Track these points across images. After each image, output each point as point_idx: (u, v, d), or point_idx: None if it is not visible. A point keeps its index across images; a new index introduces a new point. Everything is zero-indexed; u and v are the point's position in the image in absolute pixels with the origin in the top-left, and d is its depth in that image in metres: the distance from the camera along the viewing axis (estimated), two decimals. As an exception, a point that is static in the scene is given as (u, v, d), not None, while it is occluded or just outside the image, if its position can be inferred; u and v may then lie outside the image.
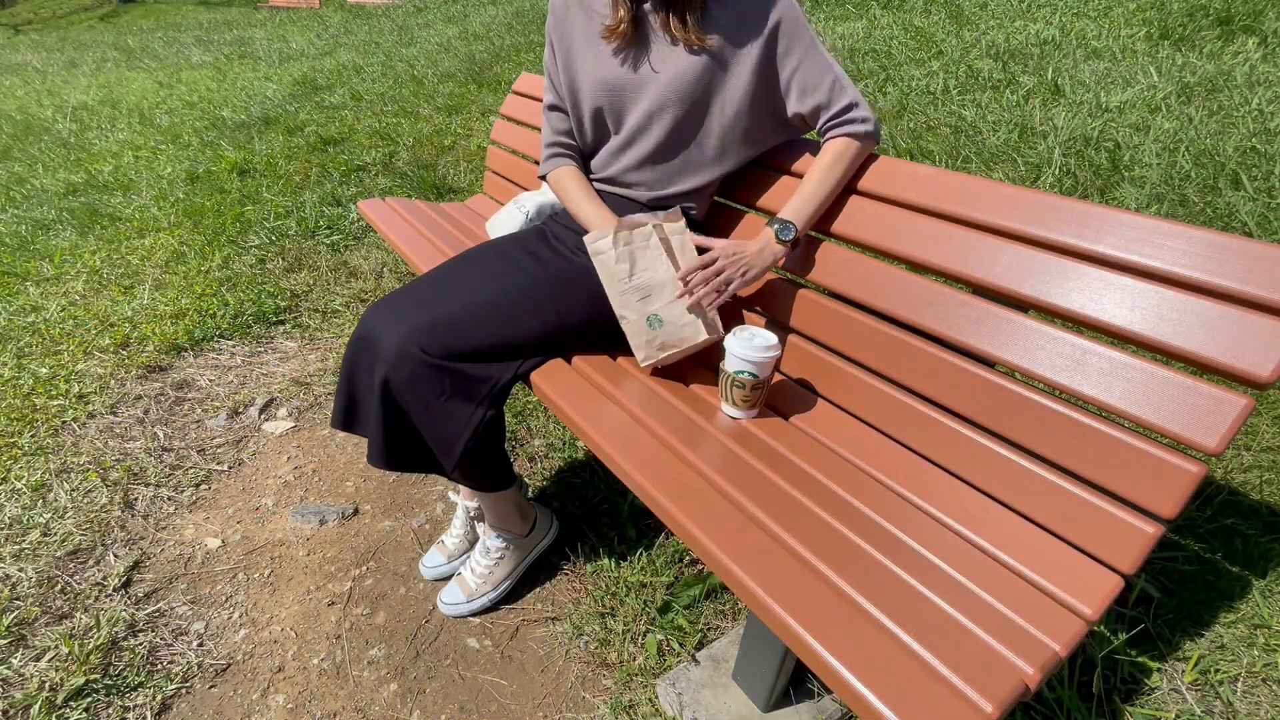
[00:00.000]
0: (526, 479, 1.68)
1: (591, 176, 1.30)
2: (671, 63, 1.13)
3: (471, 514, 1.44)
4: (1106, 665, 1.14)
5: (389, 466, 1.11)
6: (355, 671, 1.26)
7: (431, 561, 1.44)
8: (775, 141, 1.24)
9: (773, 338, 1.05)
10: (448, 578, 1.42)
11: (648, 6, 1.14)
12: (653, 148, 1.19)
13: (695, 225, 1.30)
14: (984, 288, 0.96)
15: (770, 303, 1.24)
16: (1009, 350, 0.91)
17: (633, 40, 1.16)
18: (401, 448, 1.11)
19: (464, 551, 1.44)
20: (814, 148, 1.23)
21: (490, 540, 1.35)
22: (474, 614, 1.35)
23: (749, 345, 1.02)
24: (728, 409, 1.10)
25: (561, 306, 1.16)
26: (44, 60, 8.85)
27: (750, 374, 1.04)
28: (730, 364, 1.05)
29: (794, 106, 1.15)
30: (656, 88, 1.14)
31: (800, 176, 1.23)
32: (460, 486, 1.45)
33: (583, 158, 1.32)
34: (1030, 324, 0.90)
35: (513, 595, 1.39)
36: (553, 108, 1.31)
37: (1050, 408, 0.86)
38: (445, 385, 1.07)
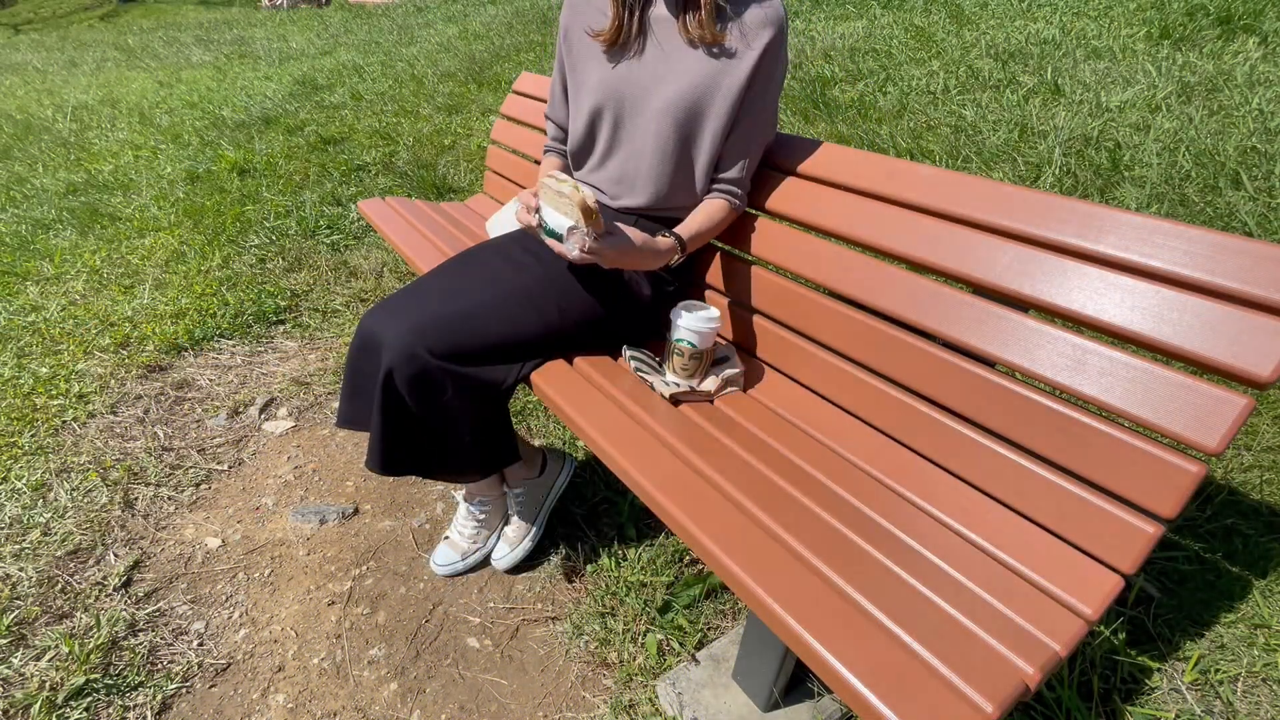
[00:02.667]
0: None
1: (589, 184, 1.30)
2: (672, 71, 1.13)
3: (478, 516, 1.44)
4: (1106, 665, 1.14)
5: (385, 471, 1.10)
6: (355, 671, 1.26)
7: (444, 559, 1.44)
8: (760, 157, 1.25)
9: (715, 311, 1.12)
10: (459, 574, 1.44)
11: (655, 12, 1.14)
12: (650, 156, 1.19)
13: None
14: (984, 288, 0.96)
15: (771, 302, 1.24)
16: (1009, 350, 0.91)
17: (634, 46, 1.16)
18: (400, 450, 1.10)
19: (477, 550, 1.45)
20: (820, 148, 1.23)
21: (510, 493, 1.43)
22: (522, 561, 1.43)
23: (692, 316, 1.09)
24: (670, 377, 1.15)
25: (564, 306, 1.16)
26: (44, 60, 8.85)
27: (689, 343, 1.10)
28: (673, 332, 1.11)
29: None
30: (657, 95, 1.14)
31: (803, 177, 1.24)
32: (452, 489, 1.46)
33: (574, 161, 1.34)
34: (1030, 324, 0.90)
35: (514, 595, 1.39)
36: (549, 118, 1.38)
37: (1050, 408, 0.86)
38: (448, 388, 1.07)
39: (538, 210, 1.10)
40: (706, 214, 1.21)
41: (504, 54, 5.41)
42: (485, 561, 1.46)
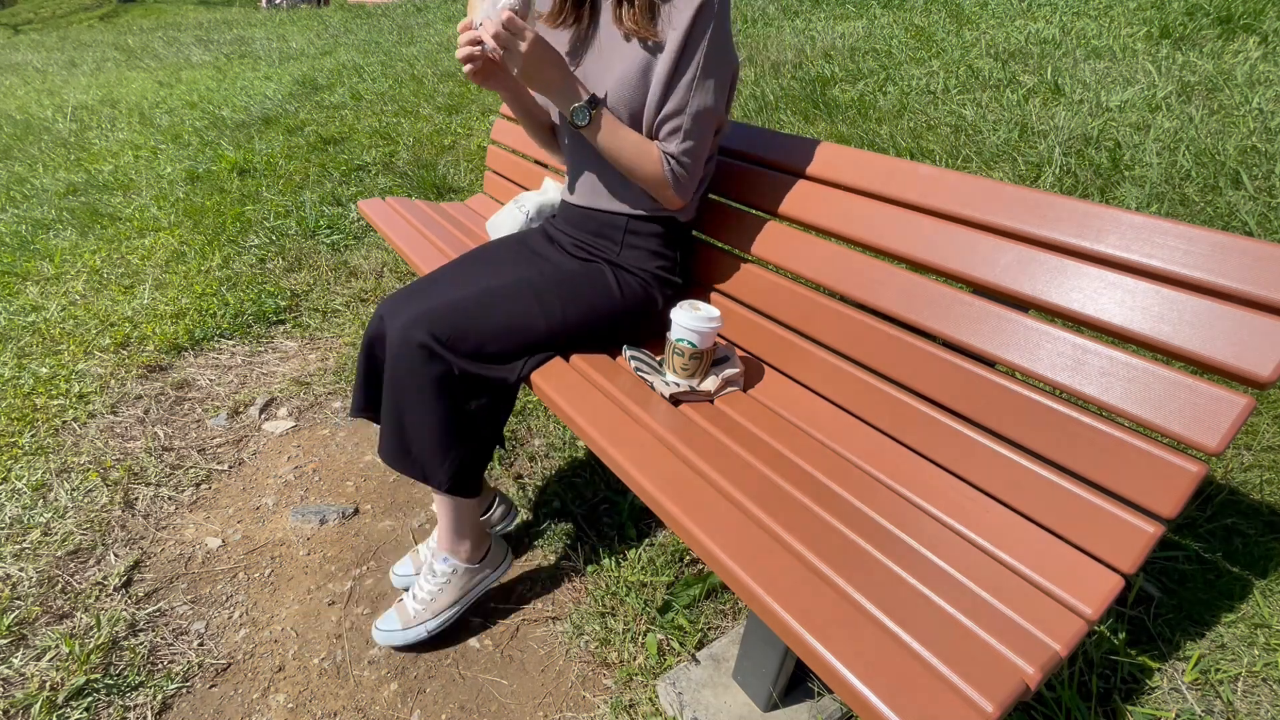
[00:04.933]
0: (527, 479, 1.68)
1: (572, 185, 1.29)
2: (616, 61, 1.11)
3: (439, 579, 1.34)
4: (1106, 665, 1.14)
5: (401, 468, 1.11)
6: (356, 671, 1.26)
7: (402, 570, 1.39)
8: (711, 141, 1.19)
9: (715, 311, 1.10)
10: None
11: (604, 2, 1.13)
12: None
13: (684, 227, 1.29)
14: (984, 288, 0.96)
15: (771, 302, 1.24)
16: (1009, 350, 0.91)
17: (587, 38, 1.15)
18: (411, 447, 1.11)
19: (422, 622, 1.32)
20: (820, 147, 1.23)
21: (438, 563, 1.26)
22: (408, 646, 1.26)
23: (692, 316, 1.08)
24: (670, 377, 1.15)
25: (568, 304, 1.17)
26: (44, 60, 8.85)
27: (689, 343, 1.09)
28: (673, 332, 1.11)
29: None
30: (606, 88, 1.11)
31: (803, 177, 1.23)
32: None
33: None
34: (1030, 324, 0.90)
35: (514, 595, 1.39)
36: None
37: (1050, 407, 0.86)
38: (447, 387, 1.06)
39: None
40: (637, 138, 1.10)
41: (504, 54, 5.40)
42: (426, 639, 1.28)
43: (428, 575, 1.27)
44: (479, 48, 1.02)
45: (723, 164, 1.36)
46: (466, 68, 1.07)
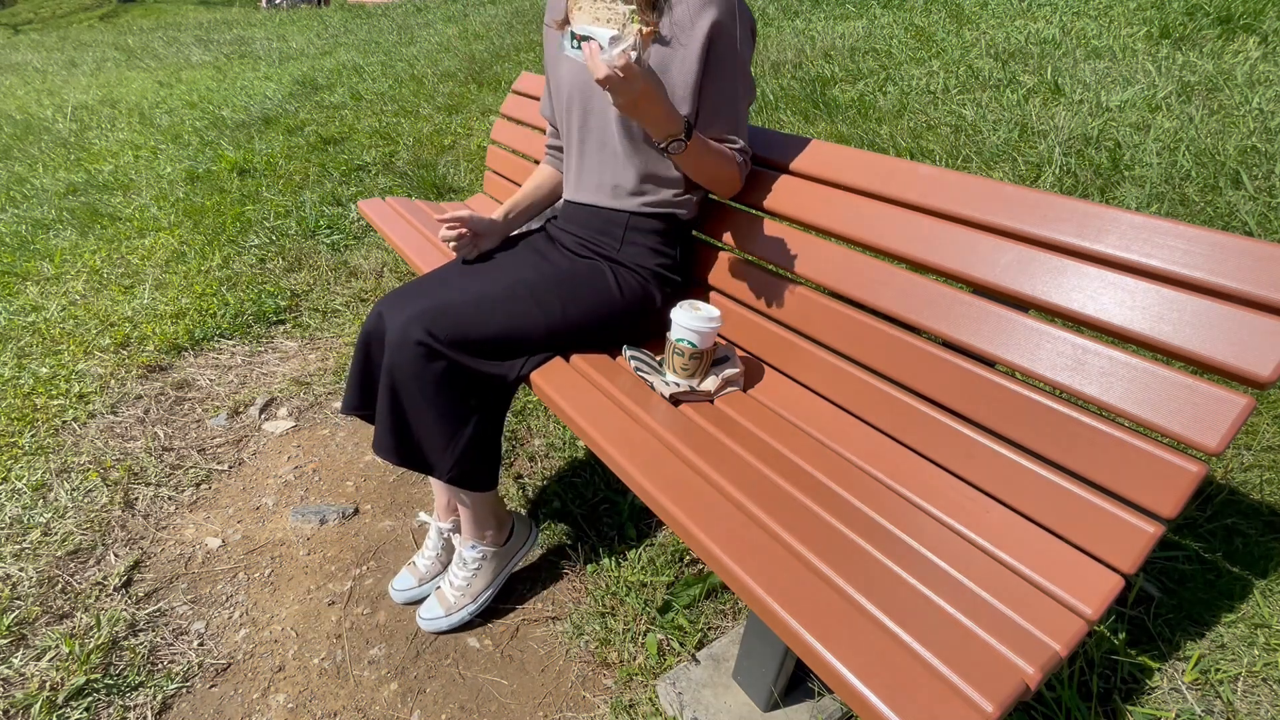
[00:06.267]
0: (527, 479, 1.68)
1: (574, 183, 1.30)
2: None
3: (444, 535, 1.39)
4: (1106, 665, 1.14)
5: (399, 461, 1.11)
6: (356, 671, 1.26)
7: (401, 584, 1.38)
8: None
9: (715, 311, 1.10)
10: (418, 601, 1.37)
11: None
12: (623, 150, 1.18)
13: (685, 225, 1.29)
14: (984, 288, 0.96)
15: (771, 302, 1.24)
16: (1009, 350, 0.91)
17: None
18: (410, 441, 1.11)
19: (436, 574, 1.39)
20: (819, 147, 1.23)
21: (466, 551, 1.31)
22: (454, 629, 1.32)
23: (692, 316, 1.08)
24: (670, 377, 1.15)
25: (569, 305, 1.17)
26: (44, 60, 8.85)
27: (689, 343, 1.09)
28: (673, 332, 1.11)
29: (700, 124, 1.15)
30: None
31: (803, 177, 1.23)
32: (433, 507, 1.43)
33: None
34: (1030, 324, 0.90)
35: (514, 595, 1.39)
36: (543, 115, 1.39)
37: (1051, 407, 0.86)
38: (449, 376, 1.06)
39: (567, 24, 0.97)
40: (719, 149, 1.15)
41: (504, 54, 5.42)
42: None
43: (459, 564, 1.32)
44: (464, 241, 1.24)
45: (723, 164, 1.36)
46: (453, 250, 1.24)
